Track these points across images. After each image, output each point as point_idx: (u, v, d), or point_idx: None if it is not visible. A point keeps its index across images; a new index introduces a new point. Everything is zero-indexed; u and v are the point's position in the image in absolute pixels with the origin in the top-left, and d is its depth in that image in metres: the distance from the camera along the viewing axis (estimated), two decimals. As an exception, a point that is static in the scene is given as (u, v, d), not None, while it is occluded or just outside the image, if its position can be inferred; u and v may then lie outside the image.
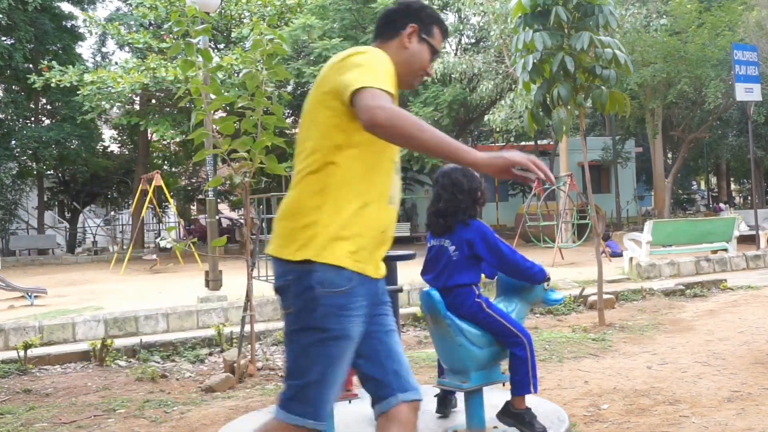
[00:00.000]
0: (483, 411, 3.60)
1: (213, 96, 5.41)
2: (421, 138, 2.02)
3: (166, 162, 31.14)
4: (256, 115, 5.18)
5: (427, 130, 2.02)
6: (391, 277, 3.93)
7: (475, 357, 3.52)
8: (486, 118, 20.00)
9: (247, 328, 5.67)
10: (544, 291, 3.71)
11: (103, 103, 18.84)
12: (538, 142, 26.40)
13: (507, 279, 3.74)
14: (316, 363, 2.16)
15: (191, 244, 17.48)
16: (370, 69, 2.13)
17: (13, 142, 23.80)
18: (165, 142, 27.77)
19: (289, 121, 22.32)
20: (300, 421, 2.16)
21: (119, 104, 20.57)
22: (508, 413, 3.56)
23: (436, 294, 3.51)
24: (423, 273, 3.68)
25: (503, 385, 3.73)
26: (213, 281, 9.36)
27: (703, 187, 44.39)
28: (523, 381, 3.50)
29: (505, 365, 3.61)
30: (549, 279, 3.67)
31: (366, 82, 2.08)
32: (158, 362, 6.14)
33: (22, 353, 5.99)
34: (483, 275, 3.67)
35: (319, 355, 2.16)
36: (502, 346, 3.54)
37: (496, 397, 4.04)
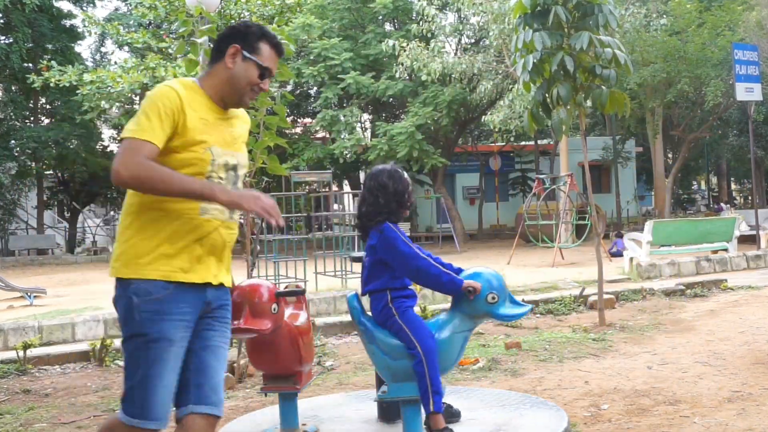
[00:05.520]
0: (418, 425, 3.34)
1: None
2: (165, 189, 2.31)
3: (165, 162, 31.08)
4: (259, 114, 5.18)
5: (169, 182, 2.29)
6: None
7: (388, 367, 3.30)
8: (484, 119, 19.99)
9: (247, 328, 5.65)
10: (487, 305, 3.29)
11: (103, 102, 18.79)
12: (538, 141, 26.39)
13: None
14: (138, 366, 2.37)
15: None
16: (141, 115, 2.36)
17: (12, 141, 23.77)
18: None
19: (288, 120, 22.24)
20: (130, 421, 2.38)
21: (119, 104, 20.52)
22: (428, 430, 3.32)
23: (352, 299, 3.36)
24: None
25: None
26: (213, 281, 9.33)
27: (703, 186, 44.39)
28: (423, 398, 3.23)
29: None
30: (473, 291, 3.26)
31: (127, 133, 2.33)
32: (158, 362, 6.12)
33: (21, 353, 5.98)
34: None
35: (140, 358, 2.37)
36: None
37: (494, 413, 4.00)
